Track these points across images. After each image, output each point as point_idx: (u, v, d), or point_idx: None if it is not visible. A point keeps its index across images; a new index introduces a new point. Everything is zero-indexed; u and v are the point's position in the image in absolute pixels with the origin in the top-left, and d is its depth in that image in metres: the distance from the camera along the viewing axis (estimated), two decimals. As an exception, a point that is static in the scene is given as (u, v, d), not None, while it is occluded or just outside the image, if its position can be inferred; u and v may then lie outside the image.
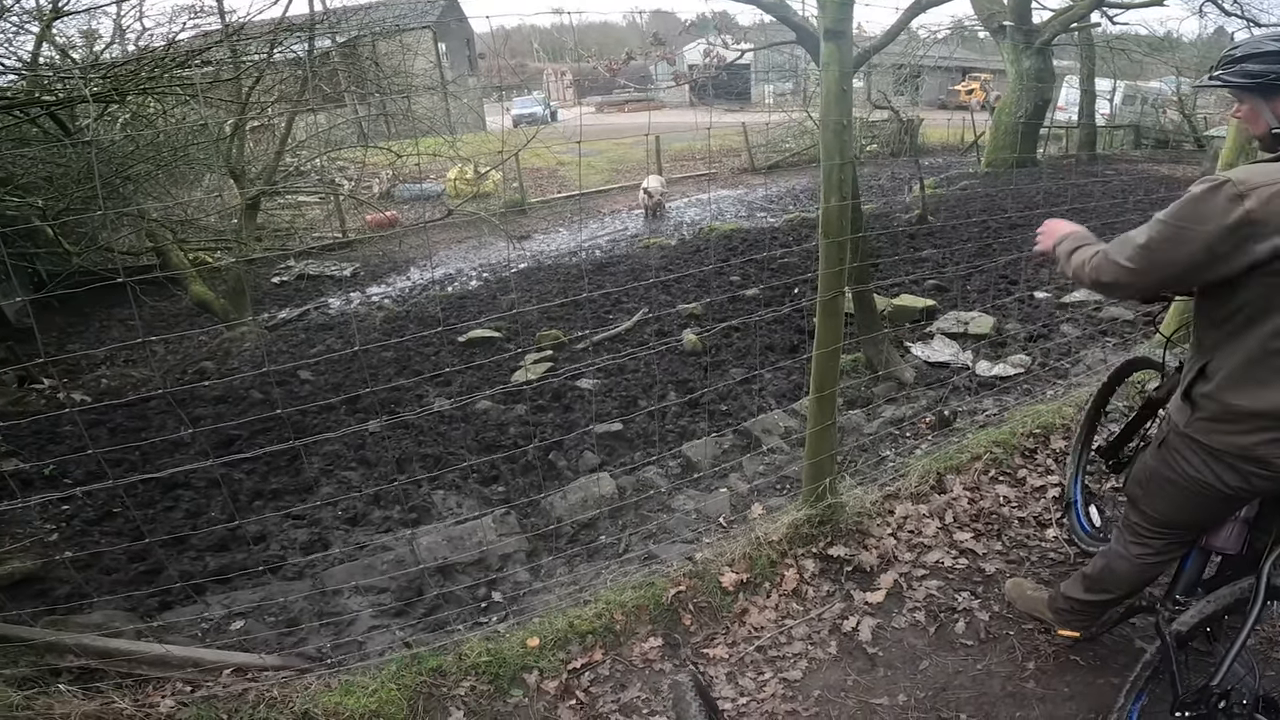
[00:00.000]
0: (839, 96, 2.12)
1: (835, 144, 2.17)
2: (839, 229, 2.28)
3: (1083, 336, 5.57)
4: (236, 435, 5.19)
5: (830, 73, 2.10)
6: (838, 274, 2.37)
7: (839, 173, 2.20)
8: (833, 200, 2.22)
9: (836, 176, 2.20)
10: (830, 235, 2.27)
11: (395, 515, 4.32)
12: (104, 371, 7.74)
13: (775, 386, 5.06)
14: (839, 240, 2.28)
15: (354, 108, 12.72)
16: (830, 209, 2.24)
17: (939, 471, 3.60)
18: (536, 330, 6.25)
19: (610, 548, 3.70)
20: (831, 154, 2.18)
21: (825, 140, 2.19)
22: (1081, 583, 2.06)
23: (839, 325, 2.54)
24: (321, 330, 7.31)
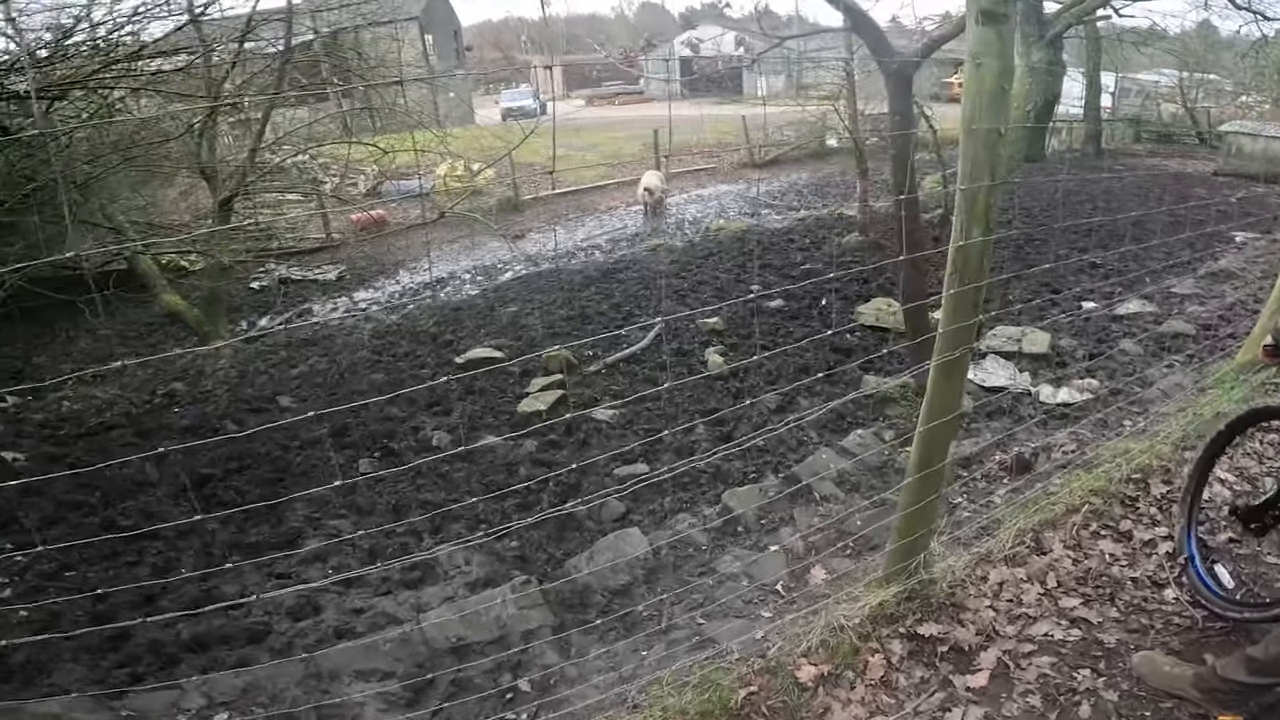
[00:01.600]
0: (995, 97, 1.58)
1: (985, 160, 1.63)
2: (978, 271, 1.74)
3: (1145, 354, 5.09)
4: (209, 474, 4.60)
5: (985, 67, 1.56)
6: (967, 329, 1.83)
7: (986, 198, 1.66)
8: (975, 233, 1.68)
9: (984, 203, 1.66)
10: (968, 279, 1.72)
11: (395, 575, 3.76)
12: (67, 390, 7.09)
13: (814, 416, 4.52)
14: (977, 285, 1.74)
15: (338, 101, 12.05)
16: (971, 246, 1.69)
17: (1034, 529, 3.11)
18: (541, 348, 5.68)
19: (649, 620, 3.17)
20: (979, 172, 1.64)
21: (970, 154, 1.64)
22: (1246, 665, 1.83)
23: (959, 390, 2.01)
24: (304, 346, 6.69)
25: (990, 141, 1.60)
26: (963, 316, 1.75)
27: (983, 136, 1.60)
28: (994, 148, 1.61)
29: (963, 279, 1.70)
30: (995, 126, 1.59)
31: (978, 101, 1.59)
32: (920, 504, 2.28)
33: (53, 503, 4.37)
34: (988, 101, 1.58)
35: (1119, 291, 6.17)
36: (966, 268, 1.70)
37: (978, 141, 1.63)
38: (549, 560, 3.72)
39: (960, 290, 1.71)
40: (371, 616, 3.45)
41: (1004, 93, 1.58)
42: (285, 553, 3.95)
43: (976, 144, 1.63)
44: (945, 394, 1.95)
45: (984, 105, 1.59)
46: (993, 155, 1.61)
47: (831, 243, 8.18)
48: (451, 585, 3.69)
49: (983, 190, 1.63)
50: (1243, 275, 6.66)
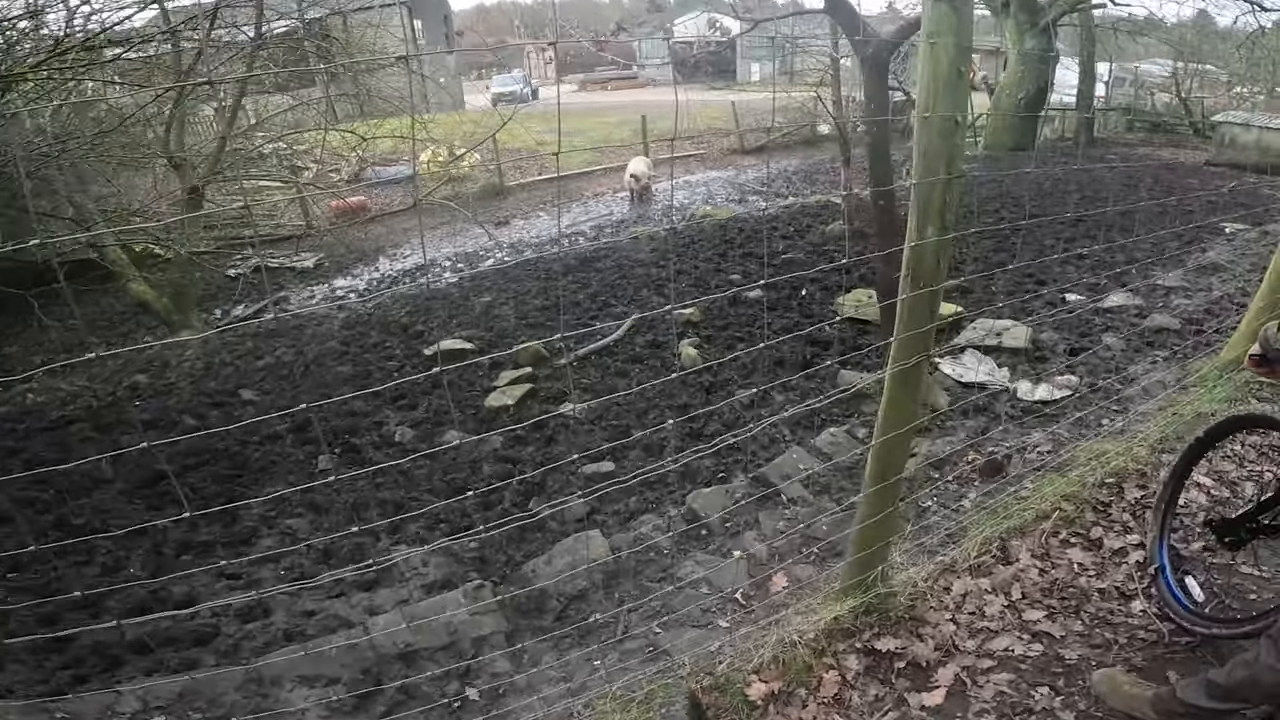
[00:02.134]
0: (952, 82, 1.43)
1: (941, 151, 1.49)
2: (933, 273, 1.60)
3: (1128, 350, 4.98)
4: (163, 471, 4.45)
5: (941, 47, 1.41)
6: (923, 336, 1.70)
7: (943, 193, 1.53)
8: (928, 231, 1.54)
9: (939, 198, 1.52)
10: (922, 281, 1.59)
11: (349, 576, 3.64)
12: (33, 383, 6.92)
13: (789, 412, 4.40)
14: (932, 289, 1.61)
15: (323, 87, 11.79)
16: (924, 246, 1.56)
17: (1001, 536, 3.01)
18: (513, 339, 5.54)
19: (606, 628, 3.06)
20: (934, 165, 1.50)
21: (926, 145, 1.50)
22: (1206, 689, 1.76)
23: (914, 399, 1.88)
24: (272, 337, 6.52)
25: (946, 130, 1.46)
26: (918, 321, 1.62)
27: (937, 125, 1.46)
28: (950, 137, 1.47)
29: (917, 281, 1.57)
30: (952, 114, 1.44)
31: (933, 87, 1.45)
32: (878, 516, 2.17)
33: (6, 499, 4.22)
34: (944, 87, 1.44)
35: (1104, 284, 6.06)
36: (920, 269, 1.57)
37: (932, 130, 1.49)
38: (508, 562, 3.60)
39: (915, 294, 1.58)
40: (323, 619, 3.34)
41: (960, 76, 1.44)
42: (238, 553, 3.84)
43: (931, 133, 1.49)
44: (901, 403, 1.82)
45: (940, 90, 1.45)
46: (949, 146, 1.47)
47: (815, 231, 8.03)
48: (407, 588, 3.58)
49: (939, 185, 1.49)
50: (1231, 268, 6.55)
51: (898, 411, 1.85)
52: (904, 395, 1.82)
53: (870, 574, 2.45)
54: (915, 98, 1.50)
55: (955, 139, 1.48)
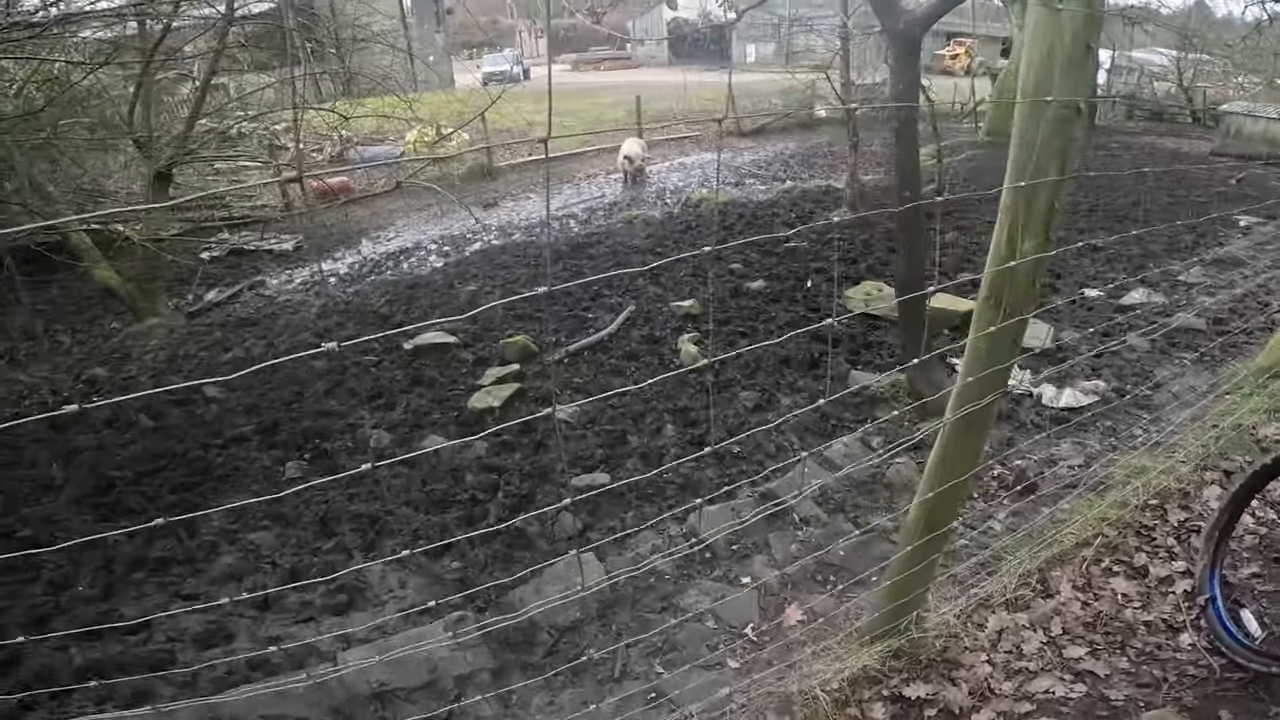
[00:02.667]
0: (1077, 60, 1.10)
1: (1055, 145, 1.16)
2: (1025, 297, 1.27)
3: (1154, 351, 4.69)
4: (118, 477, 4.09)
5: (1066, 15, 1.07)
6: (1002, 374, 1.38)
7: (1050, 197, 1.19)
8: (1026, 245, 1.21)
9: (1046, 204, 1.19)
10: (1012, 309, 1.26)
11: (318, 599, 3.33)
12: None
13: (796, 416, 4.08)
14: (1021, 318, 1.28)
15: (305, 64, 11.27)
16: (1020, 266, 1.22)
17: (1040, 568, 2.74)
18: (500, 333, 5.18)
19: (603, 665, 2.76)
20: (1044, 161, 1.17)
21: (1029, 137, 1.17)
22: None
23: (980, 444, 1.56)
24: (242, 326, 6.12)
25: (1063, 119, 1.13)
26: (998, 356, 1.30)
27: (1054, 112, 1.12)
28: (1067, 128, 1.13)
29: (1004, 309, 1.24)
30: (1073, 100, 1.10)
31: (1047, 65, 1.11)
32: (919, 566, 1.86)
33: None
34: (1067, 64, 1.10)
35: (1122, 277, 5.76)
36: (1012, 292, 1.23)
37: (1044, 119, 1.14)
38: (493, 585, 3.28)
39: (1002, 325, 1.24)
40: (289, 646, 3.02)
41: (1089, 53, 1.10)
42: (196, 570, 3.50)
43: (1041, 123, 1.15)
44: (962, 453, 1.50)
45: (1060, 69, 1.11)
46: (1065, 139, 1.14)
47: (818, 218, 7.68)
48: (383, 612, 3.26)
49: (1046, 187, 1.15)
50: (1251, 264, 6.28)
51: (960, 460, 1.53)
52: (968, 441, 1.50)
53: (903, 620, 2.16)
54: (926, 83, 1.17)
55: (1073, 130, 1.14)
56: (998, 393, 1.43)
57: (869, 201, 7.69)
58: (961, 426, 1.47)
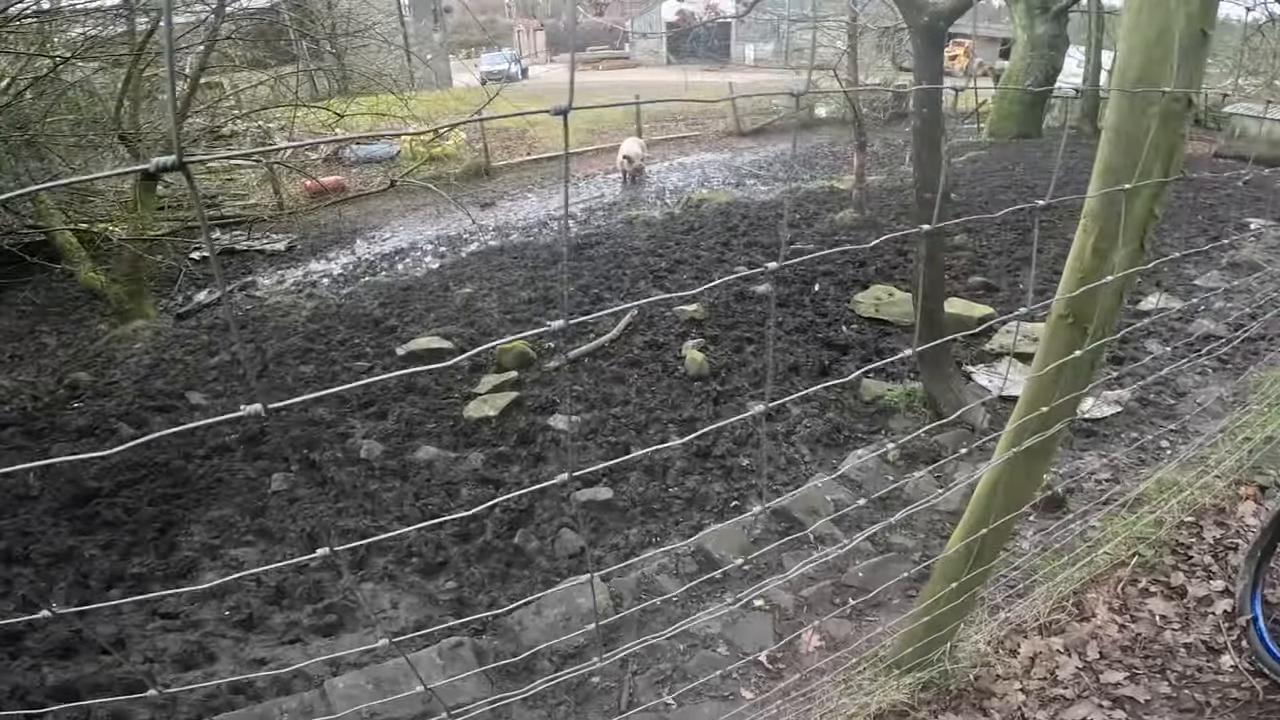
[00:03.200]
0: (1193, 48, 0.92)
1: (1163, 143, 0.98)
2: (1110, 316, 1.10)
3: (1174, 358, 4.53)
4: (96, 488, 3.90)
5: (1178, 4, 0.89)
6: (1075, 402, 1.20)
7: (1151, 202, 1.01)
8: (1117, 256, 1.03)
9: (1145, 209, 1.01)
10: (1093, 326, 1.08)
11: (305, 619, 3.16)
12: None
13: (807, 426, 3.91)
14: (1104, 338, 1.10)
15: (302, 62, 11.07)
16: (1113, 282, 1.05)
17: (1075, 590, 2.58)
18: (496, 337, 4.99)
19: (608, 695, 2.59)
20: (1150, 162, 0.99)
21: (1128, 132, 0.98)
22: None
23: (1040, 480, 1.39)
24: (229, 330, 5.93)
25: (1173, 114, 0.95)
26: (1074, 385, 1.12)
27: (1163, 107, 0.94)
28: (1177, 124, 0.96)
29: (1086, 328, 1.06)
30: (1186, 92, 0.93)
31: (1156, 52, 0.93)
32: (959, 600, 1.68)
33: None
34: (1181, 52, 0.92)
35: (1139, 282, 5.60)
36: (1094, 310, 1.06)
37: (1149, 112, 0.96)
38: (491, 605, 3.11)
39: (1085, 351, 1.07)
40: (274, 669, 2.86)
41: (1205, 39, 0.92)
42: (175, 587, 3.32)
43: (1145, 116, 0.97)
44: (1021, 485, 1.33)
45: (1172, 58, 0.93)
46: (1174, 136, 0.96)
47: (823, 219, 7.50)
48: (374, 633, 3.09)
49: (1147, 192, 0.98)
50: (1267, 268, 6.13)
51: (1016, 492, 1.36)
52: (1029, 473, 1.33)
53: (936, 652, 1.99)
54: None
55: (1183, 126, 0.96)
56: (1065, 421, 1.26)
57: (875, 202, 7.54)
58: (1023, 458, 1.29)
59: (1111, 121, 1.06)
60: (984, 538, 1.44)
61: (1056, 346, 1.18)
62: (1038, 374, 1.24)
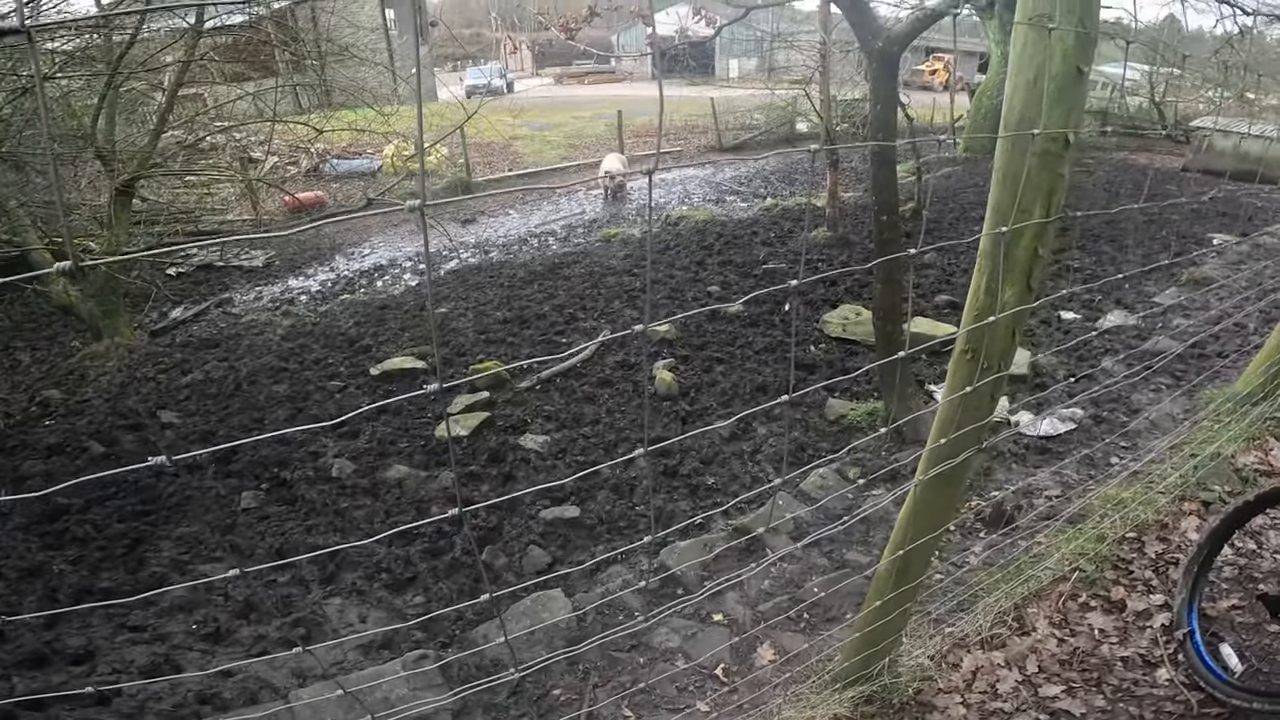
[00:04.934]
0: (1068, 86, 1.01)
1: (1041, 182, 1.07)
2: (1004, 351, 1.19)
3: (1131, 375, 4.66)
4: (66, 504, 3.91)
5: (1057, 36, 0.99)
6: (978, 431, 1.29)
7: (1033, 242, 1.11)
8: (1006, 295, 1.13)
9: (1028, 250, 1.11)
10: (990, 364, 1.17)
11: (273, 633, 3.19)
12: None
13: (772, 445, 4.00)
14: (999, 375, 1.19)
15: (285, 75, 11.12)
16: (1001, 320, 1.14)
17: (1017, 604, 2.67)
18: (471, 358, 5.05)
19: (569, 706, 2.64)
20: (1027, 202, 1.08)
21: (1012, 172, 1.08)
22: None
23: (956, 499, 1.48)
24: (204, 348, 5.93)
25: (1051, 153, 1.03)
26: (972, 416, 1.21)
27: (1040, 147, 1.03)
28: (1056, 164, 1.05)
29: (981, 364, 1.15)
30: (1062, 131, 1.02)
31: (1034, 91, 1.01)
32: (891, 615, 1.76)
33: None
34: (1056, 90, 1.01)
35: (1098, 299, 5.76)
36: (989, 346, 1.15)
37: (1030, 153, 1.05)
38: (457, 620, 3.16)
39: (981, 383, 1.15)
40: (241, 681, 2.88)
41: (1080, 78, 1.01)
42: (145, 602, 3.33)
43: (1024, 157, 1.06)
44: (937, 508, 1.41)
45: (1049, 95, 1.02)
46: (1052, 176, 1.05)
47: (797, 237, 7.64)
48: (341, 648, 3.11)
49: (1029, 231, 1.07)
50: (1227, 284, 6.31)
51: (933, 515, 1.45)
52: (943, 497, 1.42)
53: (875, 666, 2.07)
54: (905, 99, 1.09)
55: (1062, 166, 1.05)
56: (972, 450, 1.35)
57: (848, 220, 7.68)
58: (936, 483, 1.38)
59: (998, 163, 1.15)
60: (907, 555, 1.52)
61: (958, 380, 1.26)
62: (943, 406, 1.32)
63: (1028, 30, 0.99)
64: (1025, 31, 0.99)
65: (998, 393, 1.27)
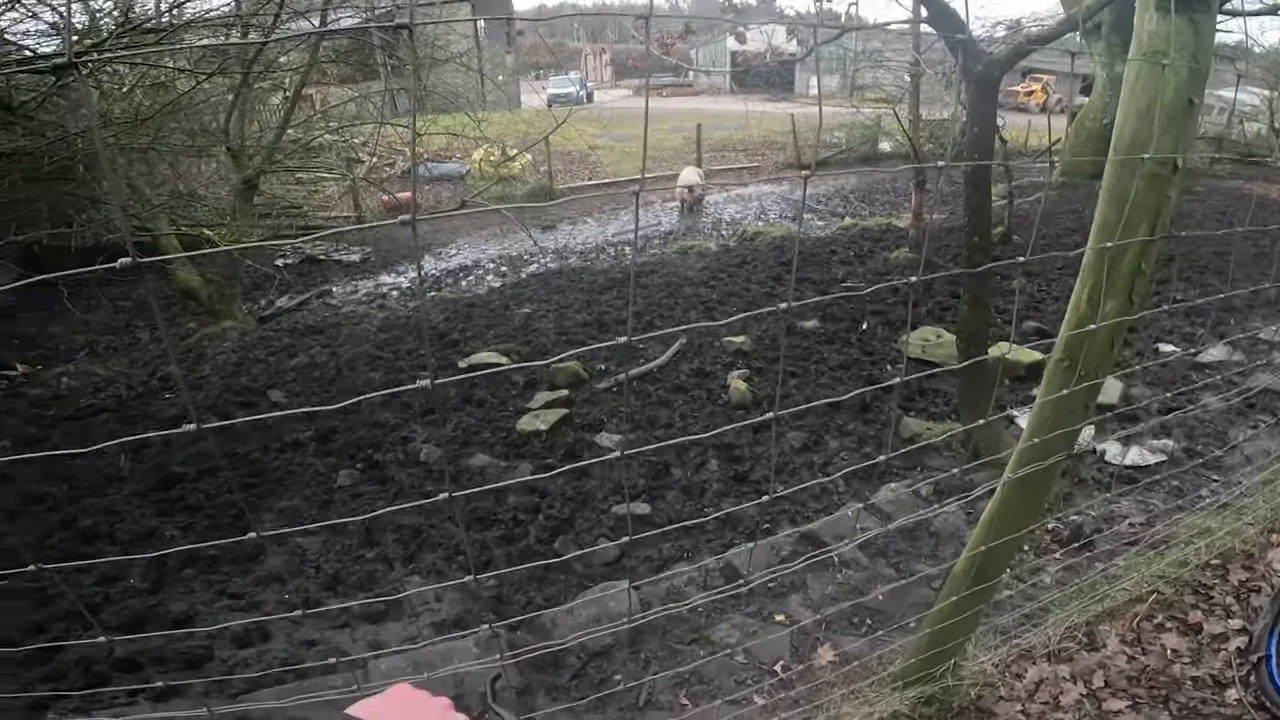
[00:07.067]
0: (1178, 116, 1.08)
1: (1148, 204, 1.13)
2: (1102, 361, 1.25)
3: (1230, 411, 4.45)
4: (181, 474, 4.29)
5: (1171, 70, 1.06)
6: (1069, 436, 1.34)
7: (1137, 259, 1.17)
8: (1108, 307, 1.19)
9: (1131, 266, 1.17)
10: (1086, 372, 1.23)
11: (356, 607, 3.39)
12: (76, 363, 6.93)
13: (844, 458, 4.02)
14: (1094, 383, 1.25)
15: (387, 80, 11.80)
16: (1101, 330, 1.20)
17: (1089, 621, 2.65)
18: (552, 356, 5.25)
19: (627, 692, 2.75)
20: (1134, 221, 1.15)
21: (1120, 193, 1.14)
22: None
23: (1042, 502, 1.52)
24: (308, 334, 6.38)
25: (1159, 176, 1.10)
26: (1065, 420, 1.27)
27: (1149, 170, 1.09)
28: (1164, 186, 1.11)
29: (1078, 371, 1.21)
30: (1171, 156, 1.08)
31: (1146, 119, 1.08)
32: (962, 616, 1.81)
33: (17, 494, 4.11)
34: (1167, 119, 1.07)
35: (1201, 334, 5.49)
36: (1088, 355, 1.21)
37: (1138, 175, 1.12)
38: (527, 605, 3.31)
39: (1074, 389, 1.22)
40: (323, 652, 3.08)
41: (1191, 109, 1.07)
42: (244, 570, 3.60)
43: (1134, 179, 1.12)
44: (1021, 510, 1.47)
45: (1161, 123, 1.08)
46: (1159, 198, 1.11)
47: (877, 257, 7.57)
48: (417, 623, 3.30)
49: (1133, 248, 1.13)
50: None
51: (1017, 516, 1.50)
52: (1030, 499, 1.47)
53: (940, 667, 2.11)
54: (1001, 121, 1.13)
55: (1169, 189, 1.11)
56: (1062, 455, 1.39)
57: (932, 243, 7.55)
58: (1023, 484, 1.43)
59: (1107, 183, 1.21)
60: (987, 553, 1.57)
61: (1053, 386, 1.32)
62: (1036, 409, 1.38)
63: (1142, 64, 1.05)
64: (1139, 65, 1.06)
65: (1092, 401, 1.32)
